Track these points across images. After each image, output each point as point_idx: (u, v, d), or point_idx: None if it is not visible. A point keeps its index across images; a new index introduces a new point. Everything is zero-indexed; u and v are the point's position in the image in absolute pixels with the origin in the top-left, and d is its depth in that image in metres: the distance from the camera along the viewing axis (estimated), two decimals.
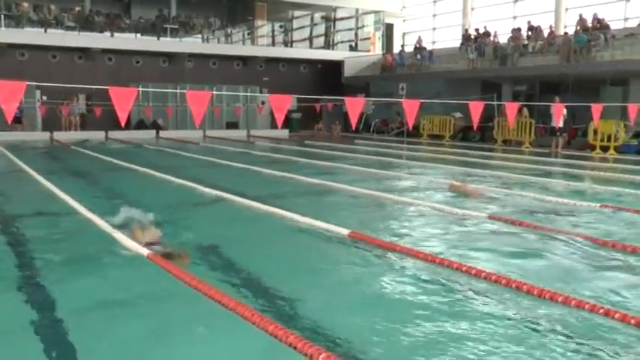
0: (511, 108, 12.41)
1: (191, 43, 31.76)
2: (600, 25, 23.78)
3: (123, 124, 7.75)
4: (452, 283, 5.78)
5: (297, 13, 35.01)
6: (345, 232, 7.66)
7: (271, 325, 4.40)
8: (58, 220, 8.77)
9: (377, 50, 35.92)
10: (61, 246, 7.23)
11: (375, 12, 36.37)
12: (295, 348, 4.04)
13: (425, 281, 5.91)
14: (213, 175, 14.19)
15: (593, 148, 21.12)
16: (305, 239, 7.90)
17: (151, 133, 27.77)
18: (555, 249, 7.16)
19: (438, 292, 5.56)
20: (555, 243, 7.43)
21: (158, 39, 30.72)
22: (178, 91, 19.58)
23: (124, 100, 6.91)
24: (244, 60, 32.85)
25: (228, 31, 34.13)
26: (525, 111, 22.98)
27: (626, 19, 25.46)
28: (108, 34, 29.67)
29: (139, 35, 30.54)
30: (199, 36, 33.01)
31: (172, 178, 12.77)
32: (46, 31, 28.32)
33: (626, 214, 9.34)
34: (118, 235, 7.17)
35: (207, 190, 11.28)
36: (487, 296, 5.40)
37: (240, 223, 8.86)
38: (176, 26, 31.76)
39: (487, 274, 5.86)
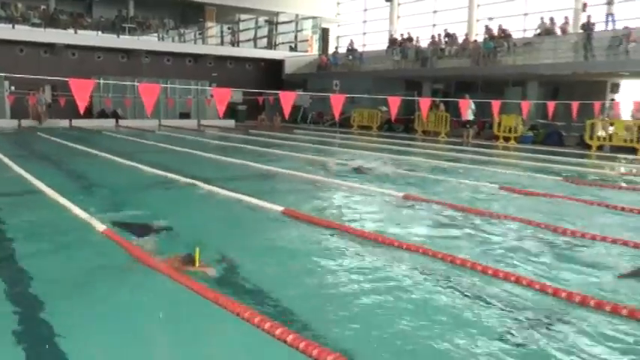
0: (424, 103, 12.76)
1: (147, 41, 31.15)
2: (504, 35, 24.46)
3: (82, 112, 7.66)
4: (373, 255, 6.01)
5: (243, 16, 34.70)
6: (279, 209, 7.80)
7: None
8: (23, 198, 8.64)
9: (314, 51, 35.96)
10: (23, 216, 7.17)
11: (313, 17, 36.38)
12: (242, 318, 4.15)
13: (348, 250, 6.12)
14: (167, 159, 14.07)
15: (497, 138, 21.77)
16: (245, 215, 7.99)
17: (111, 122, 27.31)
18: (461, 223, 7.47)
19: (362, 260, 5.78)
20: (460, 218, 7.75)
21: (118, 36, 29.99)
22: (135, 83, 19.19)
23: (82, 90, 6.86)
24: (195, 57, 32.42)
25: (181, 31, 33.68)
26: (442, 106, 23.49)
27: (524, 30, 26.28)
28: (72, 31, 28.82)
29: (100, 33, 29.76)
30: (155, 35, 32.41)
31: (129, 162, 12.62)
32: (13, 27, 27.30)
33: (519, 194, 9.77)
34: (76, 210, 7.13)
35: (160, 172, 11.16)
36: (402, 262, 5.64)
37: (190, 202, 8.88)
38: (134, 25, 31.07)
39: (400, 243, 6.13)
